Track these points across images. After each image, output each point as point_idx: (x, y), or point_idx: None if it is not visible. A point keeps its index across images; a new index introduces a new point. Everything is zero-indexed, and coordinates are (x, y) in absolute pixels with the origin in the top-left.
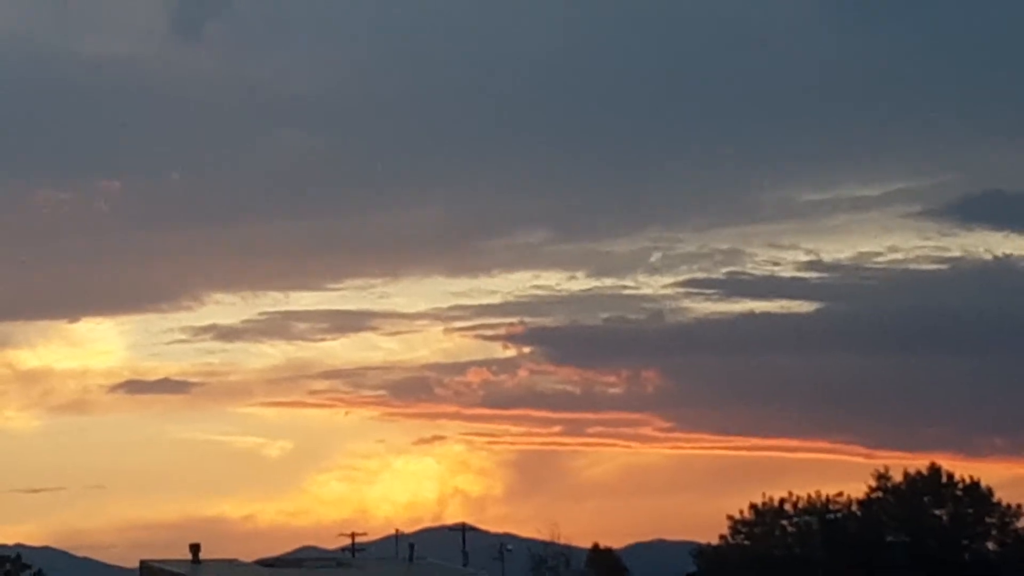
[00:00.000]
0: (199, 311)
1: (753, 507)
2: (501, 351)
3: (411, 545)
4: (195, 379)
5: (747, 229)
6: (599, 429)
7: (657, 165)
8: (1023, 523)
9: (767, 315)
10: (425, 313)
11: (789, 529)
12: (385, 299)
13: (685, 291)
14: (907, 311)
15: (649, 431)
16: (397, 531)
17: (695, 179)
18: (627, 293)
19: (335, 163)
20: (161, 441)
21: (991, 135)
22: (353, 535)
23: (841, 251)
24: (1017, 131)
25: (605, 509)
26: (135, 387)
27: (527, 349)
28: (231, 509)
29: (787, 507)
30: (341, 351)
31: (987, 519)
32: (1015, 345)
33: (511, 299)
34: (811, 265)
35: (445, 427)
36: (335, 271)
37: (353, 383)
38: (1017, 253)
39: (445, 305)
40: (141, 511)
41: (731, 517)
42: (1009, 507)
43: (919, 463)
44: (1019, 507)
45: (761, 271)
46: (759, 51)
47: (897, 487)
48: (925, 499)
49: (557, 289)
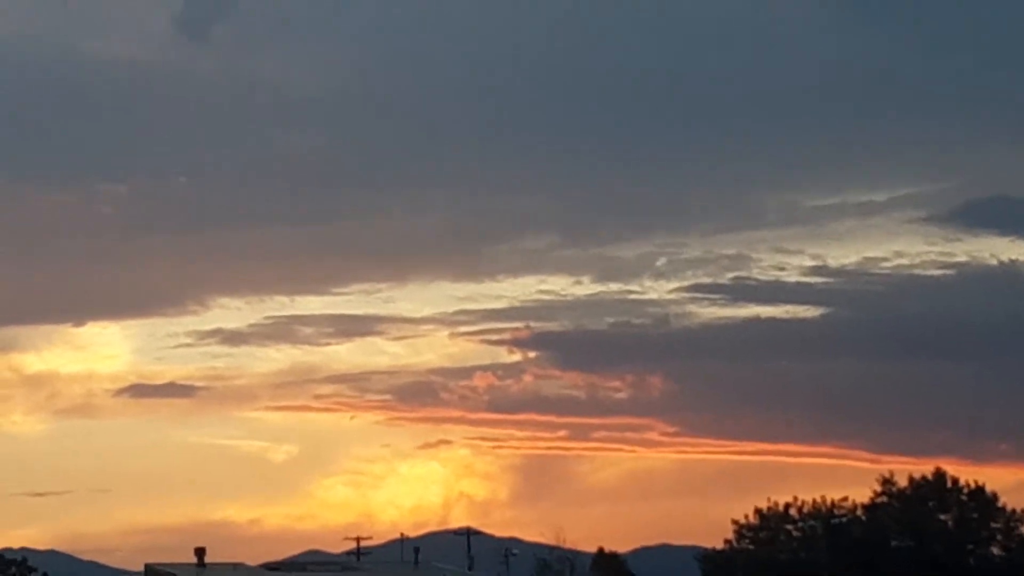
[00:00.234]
0: (204, 315)
1: (758, 512)
2: (506, 356)
3: (416, 549)
4: (200, 383)
5: (753, 234)
6: (604, 434)
7: (663, 170)
8: None
9: (773, 320)
10: (431, 318)
11: (794, 534)
12: (391, 304)
13: (691, 296)
14: (912, 316)
15: (654, 436)
16: (402, 535)
17: (701, 184)
18: (633, 298)
19: (341, 167)
20: (166, 445)
21: (997, 140)
22: (358, 539)
23: (847, 256)
24: (1023, 136)
25: (610, 513)
26: (140, 391)
27: (532, 354)
28: (236, 513)
29: (792, 512)
30: (347, 355)
31: (992, 524)
32: (1020, 350)
33: (517, 304)
34: (816, 270)
35: (450, 431)
36: (341, 275)
37: (358, 387)
38: (1023, 258)
39: (451, 310)
40: (146, 515)
41: (736, 522)
42: (1014, 512)
43: (924, 468)
44: None
45: (767, 276)
46: (763, 53)
47: (902, 492)
48: (930, 504)
49: (563, 294)
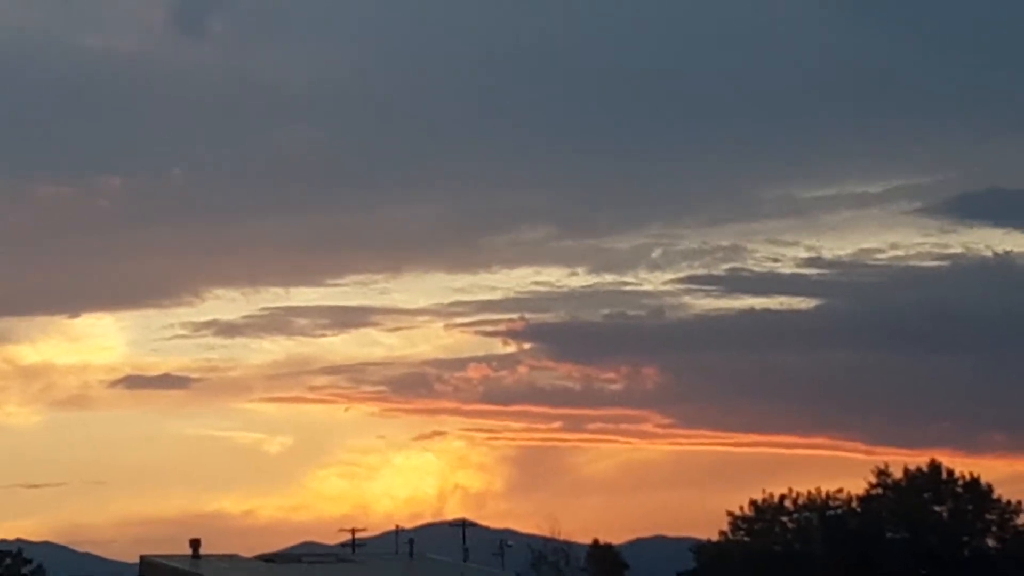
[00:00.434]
0: (199, 307)
1: (753, 503)
2: (501, 347)
3: (411, 541)
4: (195, 375)
5: (748, 226)
6: (599, 425)
7: (658, 162)
8: (1023, 520)
9: (767, 312)
10: (426, 309)
11: (789, 525)
12: (386, 295)
13: (686, 287)
14: (907, 308)
15: (649, 427)
16: (397, 527)
17: (696, 176)
18: (628, 289)
19: (336, 159)
20: (161, 437)
21: (991, 132)
22: (353, 531)
23: (842, 248)
24: (1017, 128)
25: (605, 505)
26: (135, 383)
27: (527, 345)
28: (231, 504)
29: (787, 503)
30: (341, 347)
31: (987, 516)
32: (1015, 342)
33: (512, 295)
34: (811, 262)
35: (445, 423)
36: (336, 267)
37: (353, 379)
38: (1017, 250)
39: (446, 301)
40: (141, 506)
41: (731, 513)
42: (1009, 503)
43: (919, 459)
44: (1019, 504)
45: (762, 268)
46: (759, 48)
47: (897, 484)
48: (925, 495)
49: (558, 285)
